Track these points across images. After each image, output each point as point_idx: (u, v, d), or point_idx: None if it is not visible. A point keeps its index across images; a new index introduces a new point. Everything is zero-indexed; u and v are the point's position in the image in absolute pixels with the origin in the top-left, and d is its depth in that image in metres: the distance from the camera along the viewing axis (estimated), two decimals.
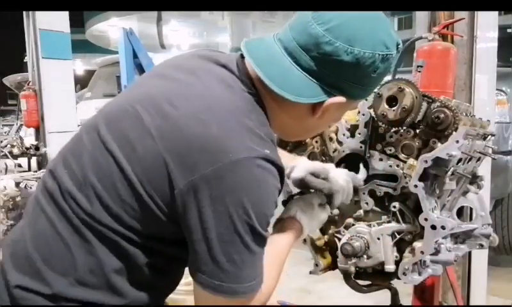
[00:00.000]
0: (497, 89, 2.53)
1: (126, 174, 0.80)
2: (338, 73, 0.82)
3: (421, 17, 2.04)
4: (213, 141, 0.77)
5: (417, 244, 1.12)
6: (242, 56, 0.89)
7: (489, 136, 1.35)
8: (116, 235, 0.81)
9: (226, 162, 0.75)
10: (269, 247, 0.86)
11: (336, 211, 1.25)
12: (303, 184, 1.05)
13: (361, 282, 1.26)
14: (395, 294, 1.33)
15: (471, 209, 1.37)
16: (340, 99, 0.84)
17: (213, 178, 0.75)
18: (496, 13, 1.99)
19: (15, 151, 4.71)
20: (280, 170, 0.81)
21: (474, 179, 1.33)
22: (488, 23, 1.94)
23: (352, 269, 1.21)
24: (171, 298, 0.99)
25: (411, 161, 1.12)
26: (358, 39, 0.80)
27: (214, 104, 0.81)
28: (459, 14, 1.90)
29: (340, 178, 1.07)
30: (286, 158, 1.02)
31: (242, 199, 0.76)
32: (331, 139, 1.25)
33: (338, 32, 0.79)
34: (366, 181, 1.19)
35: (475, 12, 1.90)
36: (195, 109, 0.80)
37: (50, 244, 0.82)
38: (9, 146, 4.75)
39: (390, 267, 1.15)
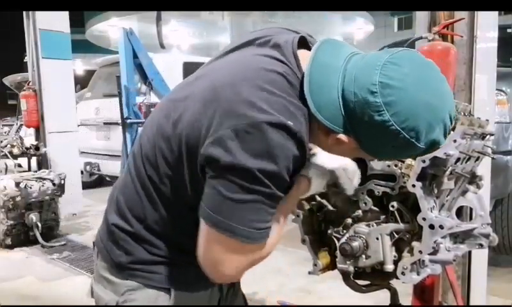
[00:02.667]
0: (497, 89, 2.53)
1: (176, 135, 0.91)
2: (365, 128, 0.85)
3: (421, 17, 2.04)
4: (240, 105, 0.83)
5: (416, 244, 1.12)
6: (301, 40, 0.95)
7: (488, 136, 1.35)
8: (167, 195, 0.95)
9: (246, 123, 0.81)
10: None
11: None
12: (332, 175, 1.07)
13: (360, 282, 1.26)
14: (394, 294, 1.33)
15: (471, 209, 1.37)
16: (352, 143, 0.88)
17: (231, 136, 0.81)
18: (496, 13, 1.99)
19: (15, 151, 4.72)
20: (300, 142, 0.84)
21: (473, 179, 1.33)
22: (488, 23, 1.94)
23: (351, 269, 1.21)
24: None
25: (409, 161, 1.12)
26: (405, 121, 0.81)
27: (251, 75, 0.87)
28: (459, 14, 1.90)
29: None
30: None
31: (253, 157, 0.81)
32: None
33: (394, 108, 0.80)
34: (365, 181, 1.19)
35: (475, 12, 1.90)
36: (231, 74, 0.89)
37: (130, 194, 1.00)
38: (9, 146, 4.76)
39: (388, 267, 1.15)
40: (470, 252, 1.95)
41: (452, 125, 0.88)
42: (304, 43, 0.98)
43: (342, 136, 0.86)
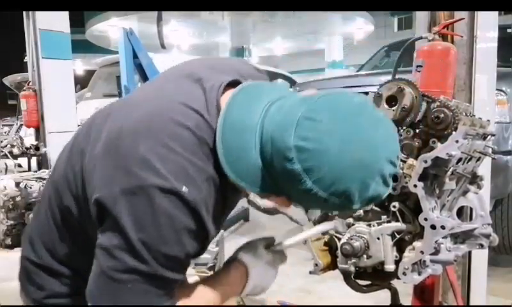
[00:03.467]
0: (497, 89, 2.53)
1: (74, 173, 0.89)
2: (292, 193, 0.78)
3: (421, 17, 2.04)
4: (134, 162, 0.77)
5: (417, 244, 1.11)
6: (229, 83, 0.87)
7: (489, 136, 1.35)
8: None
9: (134, 185, 0.75)
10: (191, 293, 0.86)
11: (335, 211, 1.25)
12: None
13: (361, 282, 1.26)
14: (395, 294, 1.33)
15: (471, 209, 1.37)
16: (284, 201, 0.82)
17: (121, 196, 0.76)
18: (496, 13, 1.99)
19: (15, 151, 4.72)
20: (194, 211, 0.77)
21: (474, 179, 1.33)
22: (488, 23, 1.94)
23: (352, 269, 1.21)
24: None
25: (410, 161, 1.12)
26: (331, 186, 0.72)
27: (157, 126, 0.80)
28: (459, 14, 1.90)
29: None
30: None
31: (137, 224, 0.75)
32: None
33: (316, 174, 0.72)
34: None
35: (475, 12, 1.90)
36: (137, 120, 0.82)
37: (41, 223, 0.97)
38: (9, 146, 4.75)
39: (389, 267, 1.15)
40: (470, 253, 1.95)
41: (396, 167, 0.78)
42: (237, 83, 0.88)
43: (272, 196, 0.80)
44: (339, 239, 1.22)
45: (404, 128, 1.15)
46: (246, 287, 0.96)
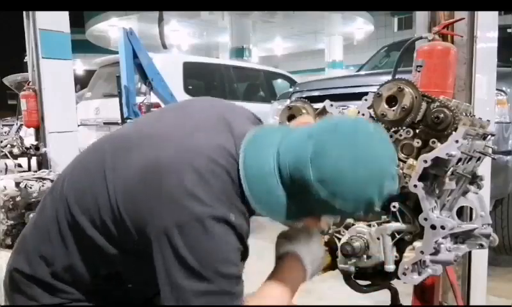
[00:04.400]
0: (497, 89, 2.53)
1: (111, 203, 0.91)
2: (324, 211, 0.93)
3: (421, 17, 2.04)
4: (183, 196, 0.84)
5: (417, 244, 1.12)
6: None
7: (489, 136, 1.35)
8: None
9: (188, 217, 0.83)
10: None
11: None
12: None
13: (361, 282, 1.26)
14: (395, 294, 1.33)
15: (471, 209, 1.37)
16: (315, 221, 0.97)
17: (176, 228, 0.83)
18: (496, 13, 1.99)
19: (15, 151, 4.71)
20: (241, 236, 0.87)
21: (474, 179, 1.33)
22: (488, 23, 1.94)
23: (352, 269, 1.21)
24: None
25: (410, 161, 1.12)
26: (341, 197, 0.85)
27: (198, 163, 0.87)
28: (459, 14, 1.90)
29: None
30: None
31: (196, 253, 0.83)
32: None
33: (328, 186, 0.84)
34: None
35: (475, 12, 1.90)
36: (178, 156, 0.88)
37: (41, 235, 0.98)
38: (9, 146, 4.75)
39: (389, 267, 1.15)
40: (470, 253, 1.95)
41: (397, 162, 0.95)
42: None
43: (301, 220, 0.94)
44: (339, 239, 1.22)
45: (404, 128, 1.15)
46: (307, 275, 1.03)
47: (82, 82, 8.70)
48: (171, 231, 0.82)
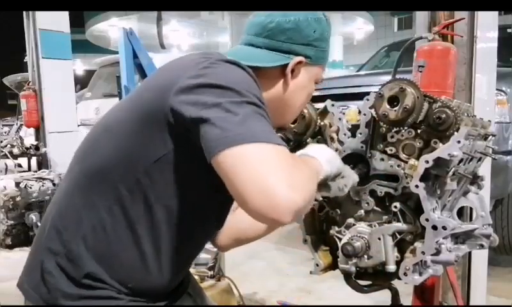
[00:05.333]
0: (497, 89, 2.53)
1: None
2: (287, 40, 1.03)
3: (421, 17, 2.04)
4: (193, 64, 0.91)
5: (418, 244, 1.12)
6: None
7: (490, 136, 1.35)
8: None
9: (204, 65, 0.89)
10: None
11: (337, 211, 1.25)
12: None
13: (361, 282, 1.26)
14: (395, 294, 1.33)
15: (471, 209, 1.37)
16: (299, 58, 1.03)
17: (195, 76, 0.87)
18: (496, 13, 1.99)
19: (15, 151, 4.72)
20: (252, 76, 0.92)
21: (475, 179, 1.33)
22: (488, 23, 1.94)
23: (353, 269, 1.21)
24: None
25: (412, 161, 1.12)
26: (292, 14, 1.05)
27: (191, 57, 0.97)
28: (459, 14, 1.90)
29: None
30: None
31: (224, 80, 0.86)
32: (332, 138, 1.25)
33: (277, 14, 1.05)
34: (367, 181, 1.19)
35: (475, 12, 1.90)
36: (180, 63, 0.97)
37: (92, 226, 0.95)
38: (9, 146, 4.75)
39: (390, 267, 1.15)
40: (470, 253, 1.95)
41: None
42: None
43: (291, 63, 1.02)
44: (340, 239, 1.22)
45: (406, 128, 1.15)
46: (323, 171, 1.00)
47: (82, 82, 8.71)
48: (193, 78, 0.86)
